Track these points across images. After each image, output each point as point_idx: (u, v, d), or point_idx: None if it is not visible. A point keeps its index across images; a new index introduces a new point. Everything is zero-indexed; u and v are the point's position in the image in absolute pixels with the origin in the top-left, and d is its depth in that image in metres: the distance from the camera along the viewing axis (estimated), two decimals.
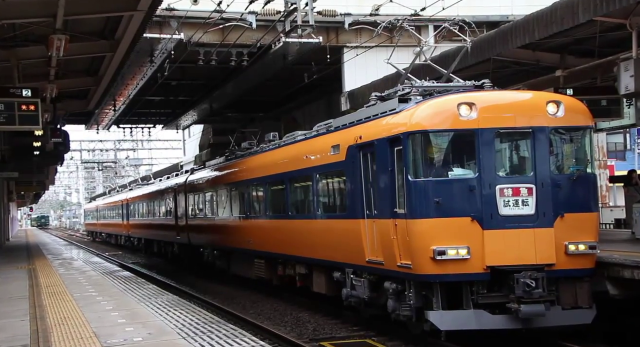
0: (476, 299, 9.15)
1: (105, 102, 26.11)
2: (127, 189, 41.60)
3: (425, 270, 9.20)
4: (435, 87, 10.49)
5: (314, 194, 12.58)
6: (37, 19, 12.62)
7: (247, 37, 20.66)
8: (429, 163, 9.42)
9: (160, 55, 21.40)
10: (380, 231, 10.10)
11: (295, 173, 13.50)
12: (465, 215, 9.17)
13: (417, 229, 9.26)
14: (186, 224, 22.60)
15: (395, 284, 9.92)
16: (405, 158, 9.42)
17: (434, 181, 9.31)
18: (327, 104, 27.64)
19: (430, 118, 9.44)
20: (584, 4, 11.73)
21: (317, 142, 12.74)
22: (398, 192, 9.62)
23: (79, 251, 34.98)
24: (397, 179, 9.65)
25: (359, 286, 10.93)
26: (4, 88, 15.44)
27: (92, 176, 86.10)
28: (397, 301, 9.96)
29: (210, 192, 20.01)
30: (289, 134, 15.11)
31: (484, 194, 9.20)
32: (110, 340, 8.13)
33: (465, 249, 9.08)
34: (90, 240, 57.47)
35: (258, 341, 8.01)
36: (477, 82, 10.48)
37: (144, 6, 12.18)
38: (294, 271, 13.99)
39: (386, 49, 23.31)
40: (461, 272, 9.09)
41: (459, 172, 9.52)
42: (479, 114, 9.34)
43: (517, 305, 8.92)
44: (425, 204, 9.23)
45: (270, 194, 15.01)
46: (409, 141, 9.40)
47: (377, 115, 10.64)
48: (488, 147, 9.33)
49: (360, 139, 10.67)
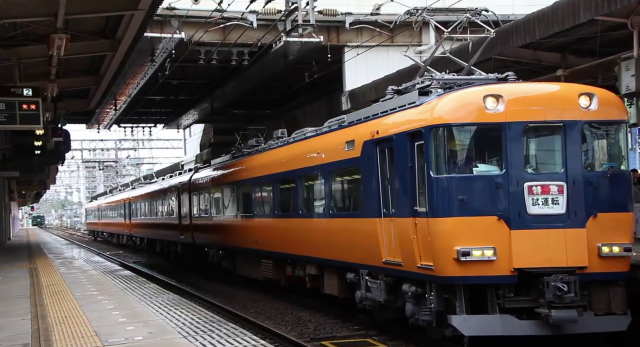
0: (502, 303, 8.61)
1: (106, 102, 26.11)
2: (130, 188, 41.38)
3: (448, 272, 8.67)
4: (457, 79, 9.97)
5: (326, 192, 12.08)
6: (38, 18, 12.61)
7: (248, 36, 20.66)
8: (452, 159, 8.92)
9: (161, 54, 21.40)
10: (398, 230, 9.62)
11: (306, 170, 12.99)
12: (491, 214, 8.65)
13: (440, 228, 8.76)
14: (190, 224, 22.28)
15: (414, 286, 9.40)
16: (427, 153, 8.91)
17: (457, 177, 8.80)
18: (328, 103, 27.64)
19: (454, 111, 8.90)
20: (585, 4, 11.73)
21: (329, 138, 12.24)
22: (418, 190, 9.13)
23: (79, 250, 34.99)
24: (417, 175, 9.17)
25: (374, 288, 10.41)
26: (5, 87, 15.45)
27: (93, 175, 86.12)
28: (416, 304, 9.44)
29: (216, 190, 19.56)
30: (298, 130, 14.65)
31: (512, 192, 8.67)
32: (111, 339, 8.14)
33: (491, 250, 8.54)
34: (92, 239, 57.46)
35: (259, 340, 8.01)
36: (501, 75, 9.95)
37: (144, 5, 12.18)
38: (303, 272, 13.52)
39: (387, 49, 23.40)
40: (487, 274, 8.56)
41: (485, 169, 8.99)
42: (507, 107, 8.81)
43: (548, 310, 8.36)
44: (449, 202, 8.71)
45: (280, 192, 14.52)
46: (431, 136, 8.88)
47: (395, 109, 10.12)
48: (516, 142, 8.78)
49: (378, 134, 10.16)
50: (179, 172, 27.85)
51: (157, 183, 30.42)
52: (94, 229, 56.99)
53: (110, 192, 54.43)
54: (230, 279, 19.44)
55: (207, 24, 19.32)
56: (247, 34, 20.53)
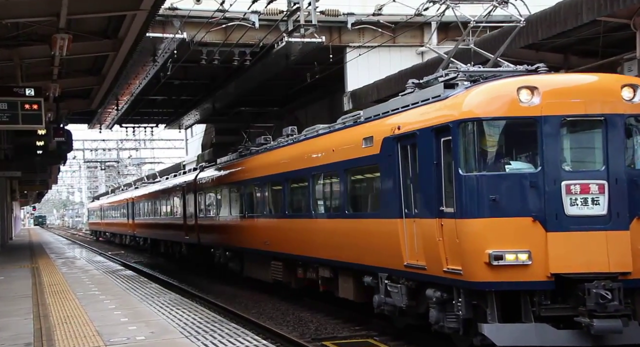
0: (538, 311, 7.97)
1: (108, 102, 26.12)
2: (133, 187, 40.82)
3: (478, 277, 8.06)
4: (484, 72, 9.32)
5: (341, 191, 11.50)
6: (41, 18, 12.63)
7: (250, 36, 20.67)
8: (482, 155, 8.31)
9: (163, 54, 21.42)
10: (422, 231, 9.03)
11: (319, 168, 12.41)
12: (525, 215, 8.03)
13: (470, 230, 8.16)
14: (196, 224, 21.73)
15: (439, 291, 8.76)
16: (455, 150, 8.32)
17: (488, 175, 8.18)
18: (330, 104, 27.65)
19: (485, 104, 8.30)
20: (588, 4, 11.73)
21: (345, 135, 11.63)
22: (445, 189, 8.56)
23: (81, 250, 35.03)
24: (443, 173, 8.59)
25: (395, 292, 9.79)
26: (7, 87, 15.48)
27: (95, 175, 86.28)
28: (441, 310, 8.81)
29: (223, 190, 18.93)
30: (309, 127, 14.11)
31: (548, 191, 8.05)
32: (113, 339, 8.15)
33: (525, 254, 7.92)
34: (94, 239, 57.46)
35: (260, 340, 8.02)
36: (530, 67, 9.29)
37: (146, 5, 12.19)
38: (316, 275, 12.95)
39: (389, 49, 23.40)
40: (521, 280, 7.93)
41: (518, 166, 8.38)
42: (543, 100, 8.17)
43: (589, 319, 7.66)
44: (479, 202, 8.12)
45: (291, 192, 13.96)
46: (460, 131, 8.29)
47: (418, 104, 9.52)
48: (552, 138, 8.15)
49: (399, 130, 9.54)
50: (183, 171, 27.24)
51: (161, 182, 29.88)
52: (96, 229, 56.62)
53: (112, 192, 54.34)
54: (231, 279, 19.42)
55: (209, 24, 19.33)
56: (249, 34, 20.55)
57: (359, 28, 22.51)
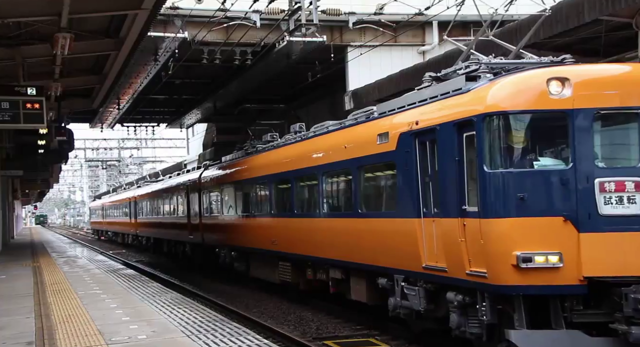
0: (569, 317, 7.50)
1: (110, 101, 26.16)
2: (135, 186, 40.45)
3: (505, 280, 7.59)
4: (507, 64, 8.81)
5: (354, 189, 11.02)
6: (42, 17, 12.63)
7: (251, 36, 20.69)
8: (509, 151, 7.82)
9: (164, 53, 21.43)
10: (442, 232, 8.59)
11: (330, 166, 11.97)
12: (556, 214, 7.57)
13: (496, 230, 7.70)
14: (200, 223, 21.37)
15: (461, 295, 8.34)
16: (480, 145, 7.86)
17: (516, 172, 7.71)
18: (331, 103, 27.65)
19: (512, 97, 7.83)
20: (590, 3, 11.72)
21: (357, 131, 11.16)
22: (468, 187, 8.12)
23: (83, 249, 35.08)
24: (466, 170, 8.15)
25: (412, 295, 9.35)
26: (9, 86, 15.51)
27: (96, 174, 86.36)
28: (462, 315, 8.39)
29: (228, 188, 18.46)
30: (318, 124, 13.65)
31: (580, 189, 7.58)
32: (114, 337, 8.16)
33: (556, 256, 7.47)
34: (95, 238, 57.47)
35: (262, 339, 8.02)
36: (556, 58, 8.73)
37: (148, 5, 12.19)
38: (326, 276, 12.55)
39: (390, 49, 23.41)
40: (551, 283, 7.48)
41: (548, 162, 7.89)
42: (574, 92, 7.69)
43: (627, 326, 7.12)
44: (505, 201, 7.66)
45: (300, 190, 13.55)
46: (484, 125, 7.84)
47: (437, 98, 9.04)
48: (585, 132, 7.66)
49: (417, 125, 9.09)
50: (186, 170, 26.78)
51: (165, 181, 29.45)
52: (98, 228, 56.33)
53: (114, 190, 54.26)
54: (232, 278, 19.42)
55: (211, 24, 19.33)
56: (250, 33, 20.56)
57: (360, 27, 22.51)
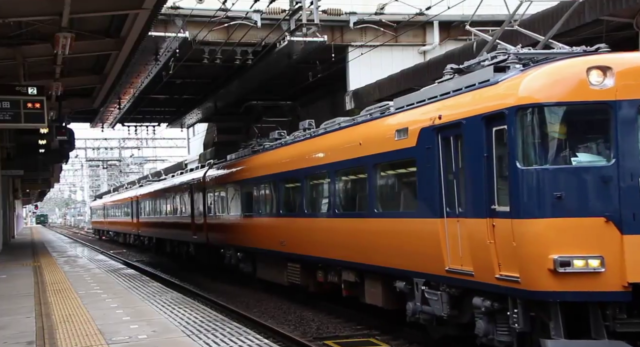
0: (612, 326, 6.95)
1: (110, 101, 26.18)
2: (137, 185, 40.01)
3: (540, 285, 7.05)
4: (537, 54, 8.28)
5: (370, 188, 10.45)
6: (43, 17, 12.64)
7: (252, 35, 20.72)
8: (544, 147, 7.26)
9: (165, 53, 21.45)
10: (468, 233, 8.05)
11: (343, 164, 11.43)
12: (597, 215, 7.01)
13: (530, 232, 7.15)
14: (204, 223, 20.84)
15: (489, 300, 7.81)
16: (511, 140, 7.32)
17: (552, 169, 7.16)
18: (332, 103, 27.67)
19: (548, 88, 7.27)
20: (591, 3, 11.72)
21: (374, 127, 10.62)
22: (497, 185, 7.59)
23: (83, 248, 35.08)
24: (495, 167, 7.62)
25: (434, 300, 8.83)
26: (9, 86, 15.53)
27: (97, 174, 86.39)
28: (490, 322, 7.88)
29: (234, 187, 17.88)
30: (329, 121, 13.18)
31: (623, 187, 7.02)
32: (115, 337, 8.16)
33: (597, 260, 6.90)
34: (96, 238, 57.48)
35: (262, 339, 8.01)
36: (589, 48, 8.14)
37: (149, 4, 12.20)
38: (338, 278, 12.05)
39: (390, 49, 23.43)
40: (591, 289, 6.93)
41: (587, 159, 7.33)
42: (617, 82, 7.13)
43: None
44: (541, 200, 7.12)
45: (311, 189, 13.01)
46: (517, 118, 7.29)
47: (461, 90, 8.51)
48: (629, 125, 7.11)
49: (440, 120, 8.57)
50: (190, 169, 26.35)
51: (168, 180, 28.97)
52: (100, 228, 56.06)
53: (116, 190, 54.14)
54: (233, 278, 19.41)
55: (211, 23, 19.36)
56: (251, 33, 20.59)
57: (361, 27, 22.54)
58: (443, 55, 17.95)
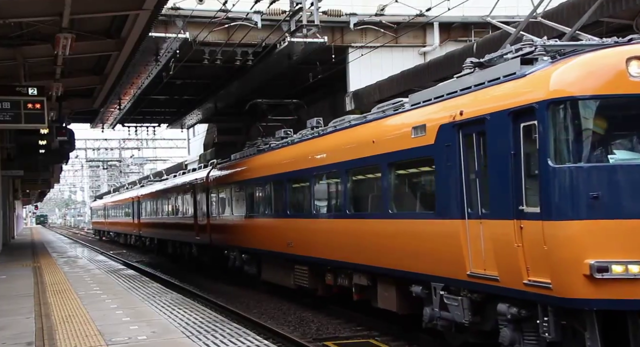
0: None
1: (111, 101, 26.18)
2: (138, 186, 39.68)
3: (574, 292, 6.60)
4: (565, 46, 7.74)
5: (384, 187, 10.06)
6: (44, 17, 12.65)
7: (252, 36, 20.73)
8: (579, 143, 6.80)
9: (165, 54, 21.46)
10: (492, 235, 7.64)
11: (355, 163, 11.03)
12: (637, 216, 6.59)
13: (564, 234, 6.70)
14: (208, 224, 20.50)
15: (516, 307, 7.40)
16: (543, 137, 6.85)
17: (587, 167, 6.69)
18: (332, 104, 27.68)
19: (582, 80, 6.82)
20: (591, 5, 11.72)
21: (388, 124, 10.25)
22: (525, 184, 7.16)
23: (83, 249, 35.08)
24: (523, 165, 7.18)
25: (454, 306, 8.43)
26: (10, 86, 15.53)
27: (97, 174, 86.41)
28: (516, 330, 7.48)
29: (239, 187, 17.47)
30: (338, 119, 12.88)
31: None
32: (115, 338, 8.16)
33: (638, 265, 6.50)
34: (97, 239, 57.46)
35: (262, 340, 8.02)
36: (621, 39, 7.65)
37: (149, 5, 12.21)
38: (348, 281, 11.67)
39: (391, 50, 23.44)
40: (631, 297, 6.48)
41: (626, 156, 6.88)
42: None
43: None
44: (575, 200, 6.65)
45: (321, 189, 12.62)
46: (549, 113, 6.82)
47: (484, 85, 8.09)
48: None
49: (461, 115, 8.18)
50: (192, 169, 25.99)
51: (170, 180, 28.63)
52: (100, 229, 55.82)
53: (117, 190, 54.03)
54: (233, 280, 19.41)
55: (212, 24, 19.36)
56: (252, 34, 20.60)
57: (361, 28, 22.56)
58: (443, 56, 17.96)
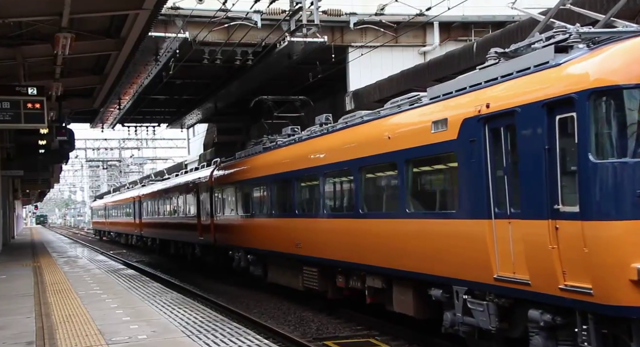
0: None
1: (111, 101, 26.19)
2: (139, 185, 39.26)
3: (619, 299, 6.14)
4: (600, 33, 7.18)
5: (401, 185, 9.52)
6: (43, 17, 12.65)
7: (252, 36, 20.74)
8: (624, 136, 6.31)
9: (165, 54, 21.47)
10: (523, 236, 7.14)
11: (369, 160, 10.50)
12: None
13: (607, 236, 6.22)
14: (212, 224, 20.08)
15: (549, 314, 6.92)
16: (583, 130, 6.33)
17: (633, 163, 6.19)
18: (332, 103, 27.68)
19: (627, 68, 6.31)
20: (591, 5, 11.73)
21: (405, 119, 9.73)
22: (561, 181, 6.64)
23: (83, 249, 35.09)
24: (559, 161, 6.67)
25: (479, 311, 7.94)
26: (9, 86, 15.53)
27: (97, 174, 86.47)
28: (549, 338, 7.01)
29: (245, 186, 16.98)
30: (348, 115, 12.51)
31: None
32: (115, 338, 8.16)
33: None
34: (97, 239, 57.44)
35: (262, 340, 8.02)
36: None
37: (149, 5, 12.21)
38: (361, 284, 11.20)
39: (391, 49, 23.44)
40: None
41: None
42: None
43: None
44: (619, 199, 6.17)
45: (331, 188, 12.23)
46: (590, 104, 6.30)
47: (512, 75, 7.57)
48: None
49: (487, 108, 7.67)
50: (195, 168, 25.69)
51: (172, 179, 28.26)
52: (101, 229, 55.53)
53: (117, 190, 53.96)
54: (234, 280, 19.40)
55: (212, 24, 19.36)
56: (251, 33, 20.61)
57: (361, 28, 22.56)
58: (443, 56, 17.96)
